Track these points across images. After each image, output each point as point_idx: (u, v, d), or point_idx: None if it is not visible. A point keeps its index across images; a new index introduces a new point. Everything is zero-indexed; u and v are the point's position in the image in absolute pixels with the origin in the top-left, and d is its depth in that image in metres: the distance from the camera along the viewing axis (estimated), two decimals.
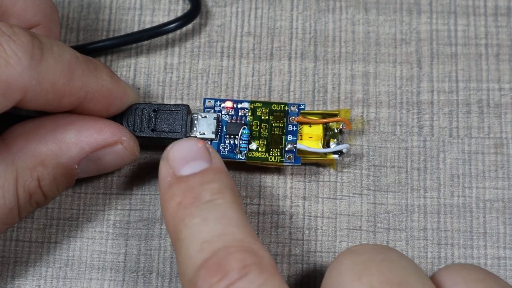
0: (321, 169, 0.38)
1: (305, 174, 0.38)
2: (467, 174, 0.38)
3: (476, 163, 0.38)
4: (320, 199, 0.38)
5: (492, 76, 0.39)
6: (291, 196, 0.38)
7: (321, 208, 0.38)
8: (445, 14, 0.41)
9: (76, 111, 0.35)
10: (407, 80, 0.40)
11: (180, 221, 0.31)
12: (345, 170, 0.38)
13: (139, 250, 0.37)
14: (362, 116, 0.39)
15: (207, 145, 0.34)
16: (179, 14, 0.41)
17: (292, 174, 0.38)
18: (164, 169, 0.33)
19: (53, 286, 0.37)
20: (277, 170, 0.38)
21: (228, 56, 0.40)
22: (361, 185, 0.38)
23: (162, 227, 0.38)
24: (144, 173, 0.39)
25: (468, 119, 0.39)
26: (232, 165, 0.38)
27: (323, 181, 0.38)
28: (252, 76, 0.40)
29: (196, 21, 0.41)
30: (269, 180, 0.38)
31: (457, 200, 0.38)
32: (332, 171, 0.38)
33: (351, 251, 0.31)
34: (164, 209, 0.32)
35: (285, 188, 0.38)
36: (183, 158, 0.33)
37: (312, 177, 0.38)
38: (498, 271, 0.37)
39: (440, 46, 0.40)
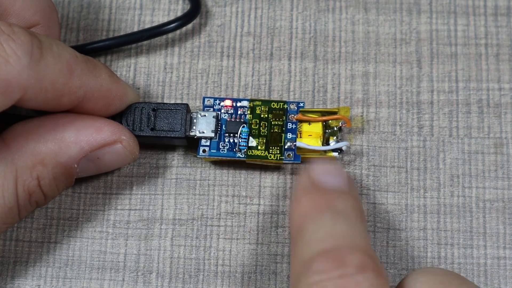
0: None
1: None
2: (467, 174, 0.38)
3: (476, 163, 0.38)
4: None
5: (492, 76, 0.39)
6: (291, 196, 0.38)
7: None
8: (445, 14, 0.41)
9: (75, 111, 0.35)
10: (407, 80, 0.40)
11: (309, 218, 0.31)
12: (345, 170, 0.38)
13: (139, 250, 0.37)
14: (362, 115, 0.39)
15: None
16: (179, 14, 0.41)
17: (292, 174, 0.38)
18: (304, 177, 0.33)
19: (53, 286, 0.37)
20: (277, 169, 0.38)
21: (228, 56, 0.40)
22: (361, 185, 0.38)
23: (162, 227, 0.38)
24: (144, 173, 0.39)
25: (468, 119, 0.39)
26: (232, 164, 0.38)
27: None
28: (252, 76, 0.40)
29: (196, 21, 0.41)
30: (269, 180, 0.38)
31: (457, 200, 0.38)
32: None
33: (426, 271, 0.31)
34: (295, 207, 0.32)
35: (285, 188, 0.38)
36: (326, 172, 0.33)
37: None
38: (498, 271, 0.37)
39: (440, 46, 0.40)
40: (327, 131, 0.37)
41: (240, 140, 0.37)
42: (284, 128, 0.37)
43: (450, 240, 0.37)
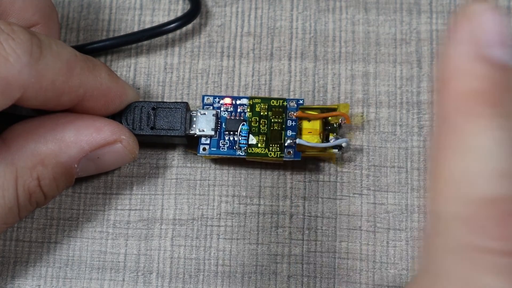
0: (321, 168, 0.38)
1: (305, 174, 0.38)
2: None
3: None
4: (320, 199, 0.38)
5: None
6: (291, 196, 0.38)
7: (321, 208, 0.38)
8: (445, 14, 0.40)
9: (75, 110, 0.35)
10: (407, 80, 0.39)
11: (470, 115, 0.23)
12: (345, 170, 0.38)
13: (139, 250, 0.37)
14: (362, 114, 0.39)
15: None
16: (179, 14, 0.41)
17: (292, 174, 0.38)
18: (465, 31, 0.23)
19: (53, 286, 0.37)
20: (278, 168, 0.38)
21: (228, 56, 0.40)
22: (361, 185, 0.38)
23: (162, 227, 0.38)
24: (144, 173, 0.39)
25: None
26: (232, 163, 0.38)
27: (323, 181, 0.38)
28: (252, 76, 0.40)
29: (196, 21, 0.41)
30: (269, 180, 0.38)
31: None
32: (332, 170, 0.38)
33: None
34: (447, 84, 0.24)
35: (285, 188, 0.38)
36: (498, 38, 0.23)
37: (312, 177, 0.38)
38: None
39: (440, 46, 0.40)
40: (326, 128, 0.37)
41: (240, 138, 0.37)
42: (284, 126, 0.37)
43: None
